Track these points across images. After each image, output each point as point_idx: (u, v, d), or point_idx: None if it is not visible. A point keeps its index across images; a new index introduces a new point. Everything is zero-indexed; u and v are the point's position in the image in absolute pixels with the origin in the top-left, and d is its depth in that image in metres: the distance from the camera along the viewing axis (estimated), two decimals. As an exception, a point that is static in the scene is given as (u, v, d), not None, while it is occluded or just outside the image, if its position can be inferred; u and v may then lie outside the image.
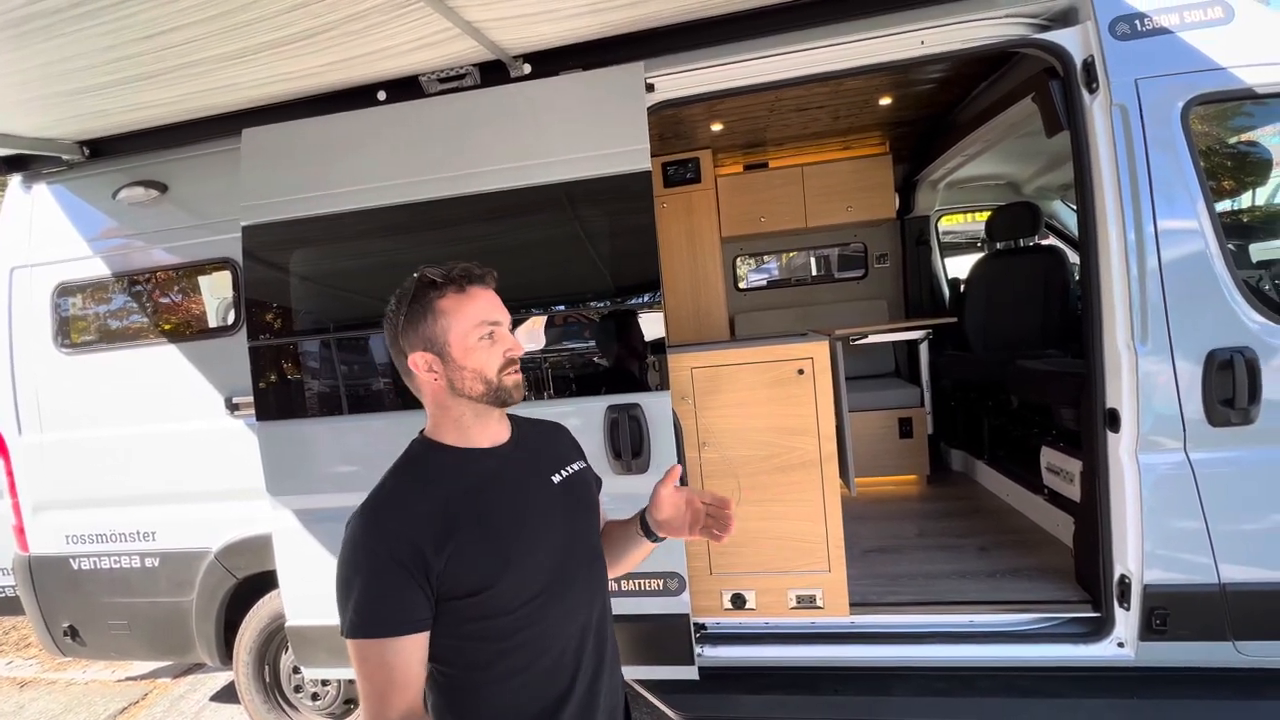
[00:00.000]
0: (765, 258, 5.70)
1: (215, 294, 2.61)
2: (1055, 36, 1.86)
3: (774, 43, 1.98)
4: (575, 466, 1.16)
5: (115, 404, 2.54)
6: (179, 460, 2.49)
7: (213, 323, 2.61)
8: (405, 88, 2.15)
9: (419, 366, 1.00)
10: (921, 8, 1.89)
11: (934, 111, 3.46)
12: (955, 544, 2.67)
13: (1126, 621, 1.88)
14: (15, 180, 2.64)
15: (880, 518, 3.06)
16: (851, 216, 3.97)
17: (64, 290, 2.60)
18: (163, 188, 2.48)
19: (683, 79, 2.07)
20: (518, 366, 1.03)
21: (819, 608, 2.15)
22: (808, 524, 2.13)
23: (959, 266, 4.40)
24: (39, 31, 1.41)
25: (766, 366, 2.10)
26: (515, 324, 2.05)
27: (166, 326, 2.58)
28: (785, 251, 5.10)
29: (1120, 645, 1.89)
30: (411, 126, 2.09)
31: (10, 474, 2.63)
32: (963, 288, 3.81)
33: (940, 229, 4.36)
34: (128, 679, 3.52)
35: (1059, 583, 2.22)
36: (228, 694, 3.15)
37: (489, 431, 1.05)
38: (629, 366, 1.99)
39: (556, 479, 1.10)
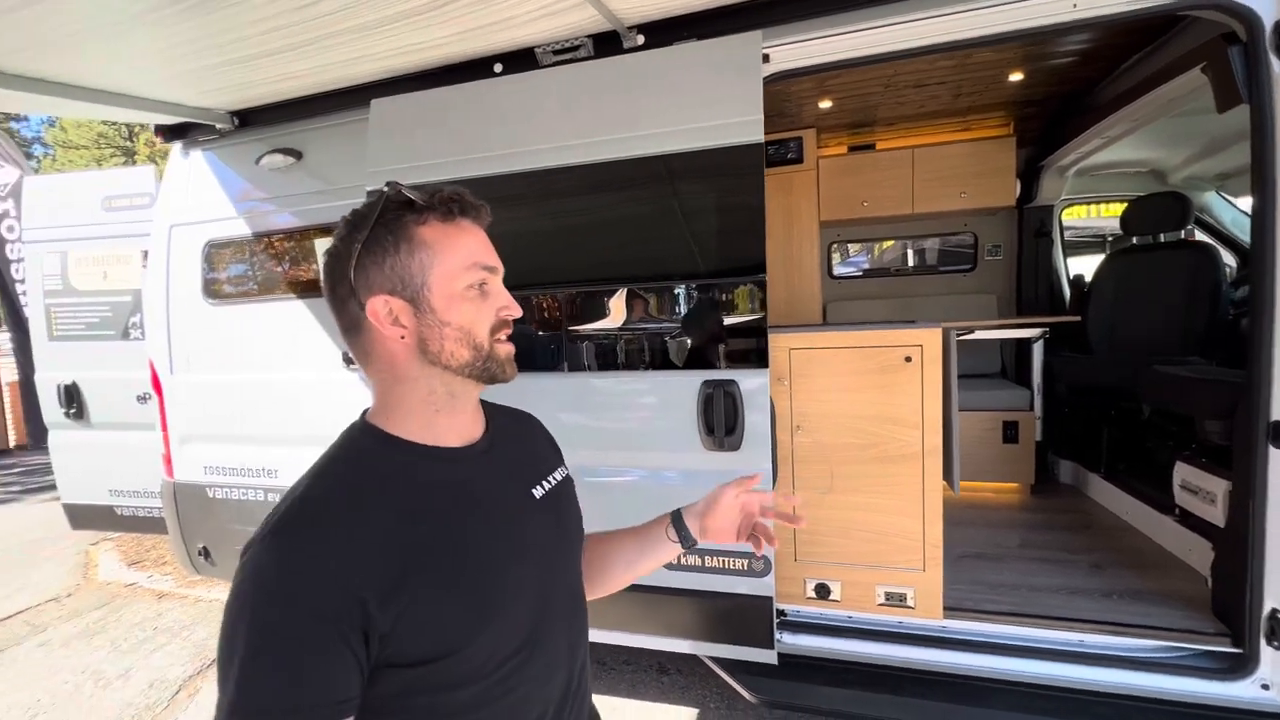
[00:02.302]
0: (864, 245, 5.46)
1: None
2: (1243, -5, 1.63)
3: (902, 8, 1.86)
4: (558, 475, 0.90)
5: (249, 351, 2.80)
6: (299, 406, 2.72)
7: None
8: (520, 60, 2.20)
9: (379, 316, 0.72)
10: (1078, -35, 1.72)
11: (1071, 89, 3.15)
12: (1064, 559, 2.46)
13: (1275, 662, 1.67)
14: (177, 147, 2.94)
15: (978, 524, 2.87)
16: (964, 204, 3.70)
17: (211, 247, 2.88)
18: (298, 155, 2.68)
19: (800, 49, 1.99)
20: (510, 333, 0.79)
21: (909, 607, 2.05)
22: (903, 519, 2.03)
23: (1078, 265, 4.03)
24: (209, 5, 1.55)
25: (872, 352, 2.01)
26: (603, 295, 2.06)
27: (294, 283, 2.81)
28: (886, 239, 4.85)
29: (1265, 688, 1.69)
30: (525, 97, 2.14)
31: (162, 408, 2.97)
32: (1087, 285, 3.48)
33: (1063, 222, 4.01)
34: (245, 601, 3.92)
35: (1189, 611, 2.00)
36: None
37: (459, 423, 0.79)
38: (728, 343, 1.96)
39: (538, 492, 0.84)
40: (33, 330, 3.61)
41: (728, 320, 1.96)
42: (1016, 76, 2.95)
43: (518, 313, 0.78)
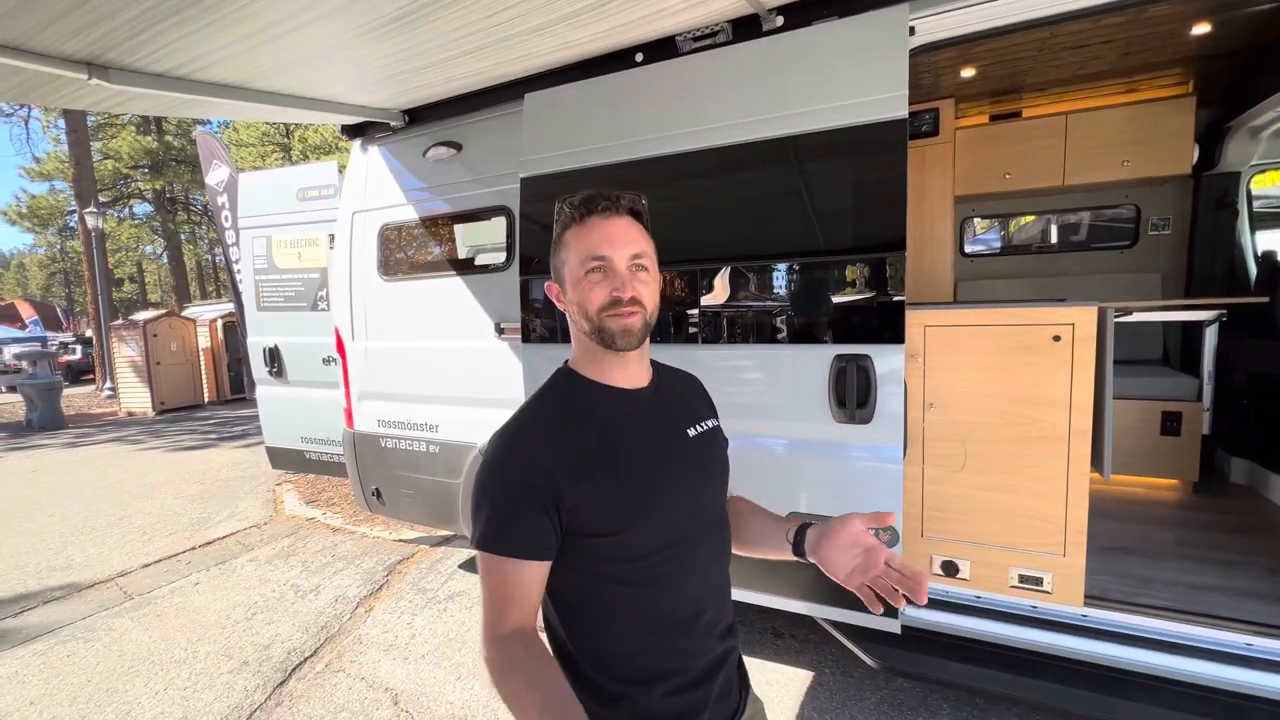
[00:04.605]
0: (994, 221, 5.09)
1: (491, 236, 3.13)
2: None
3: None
4: (709, 423, 1.08)
5: (415, 321, 3.21)
6: (457, 370, 3.08)
7: (488, 260, 3.14)
8: (660, 49, 2.32)
9: (551, 293, 1.01)
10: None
11: (1271, 39, 2.76)
12: (1232, 559, 2.27)
13: None
14: (357, 144, 3.39)
15: (1127, 518, 2.69)
16: (1126, 173, 3.37)
17: (385, 230, 3.31)
18: (458, 146, 3.00)
19: (949, 19, 1.95)
20: (629, 310, 0.93)
21: (1046, 592, 2.01)
22: (1043, 502, 1.98)
23: (1268, 241, 3.53)
24: (421, 19, 1.81)
25: (1016, 330, 1.96)
26: (745, 270, 2.16)
27: (453, 263, 3.17)
28: (1029, 214, 4.51)
29: None
30: (668, 85, 2.26)
31: (345, 369, 3.48)
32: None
33: (1252, 191, 3.52)
34: (400, 540, 4.50)
35: (1392, 627, 1.80)
36: (471, 565, 3.90)
37: (623, 372, 1.00)
38: (863, 317, 1.99)
39: (692, 433, 1.04)
40: (245, 302, 4.34)
41: (863, 296, 1.99)
42: (1202, 29, 2.64)
43: (628, 294, 0.93)
